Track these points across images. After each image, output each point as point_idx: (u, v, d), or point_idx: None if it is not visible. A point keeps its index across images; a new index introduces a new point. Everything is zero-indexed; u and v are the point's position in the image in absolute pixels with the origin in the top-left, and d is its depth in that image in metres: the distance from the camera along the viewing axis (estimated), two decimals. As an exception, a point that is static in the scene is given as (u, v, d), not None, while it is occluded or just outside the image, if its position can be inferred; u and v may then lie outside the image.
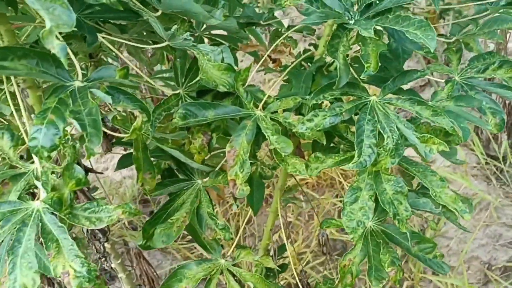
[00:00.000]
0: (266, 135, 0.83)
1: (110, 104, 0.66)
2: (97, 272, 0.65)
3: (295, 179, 1.29)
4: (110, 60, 1.45)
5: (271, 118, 0.87)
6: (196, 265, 0.97)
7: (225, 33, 1.18)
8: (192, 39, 0.87)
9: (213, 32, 1.22)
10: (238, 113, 0.88)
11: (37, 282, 0.64)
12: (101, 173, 1.20)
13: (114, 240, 1.21)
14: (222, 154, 1.16)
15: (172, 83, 1.46)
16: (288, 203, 1.74)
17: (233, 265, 0.98)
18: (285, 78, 1.06)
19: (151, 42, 1.12)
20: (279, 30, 1.46)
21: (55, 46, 0.54)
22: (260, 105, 0.90)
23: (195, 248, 2.71)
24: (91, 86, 0.68)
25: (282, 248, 1.27)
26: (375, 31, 0.74)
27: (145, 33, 1.09)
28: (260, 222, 2.82)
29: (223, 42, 1.23)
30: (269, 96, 0.93)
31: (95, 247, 1.07)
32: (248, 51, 1.28)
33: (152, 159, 0.93)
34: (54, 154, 0.63)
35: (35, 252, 0.67)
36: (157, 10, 0.93)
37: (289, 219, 2.77)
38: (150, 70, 1.50)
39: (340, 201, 2.82)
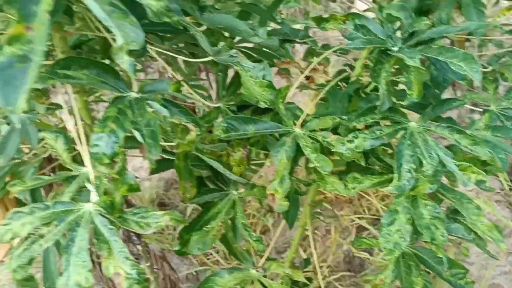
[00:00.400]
0: (305, 153, 0.86)
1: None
2: (145, 275, 0.68)
3: (324, 194, 1.32)
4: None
5: (309, 136, 0.90)
6: (228, 273, 1.00)
7: (251, 45, 1.21)
8: (238, 56, 0.91)
9: (243, 45, 1.26)
10: (278, 130, 0.92)
11: (90, 280, 0.67)
12: (137, 177, 1.23)
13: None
14: (254, 168, 1.19)
15: (200, 91, 1.51)
16: (313, 218, 1.76)
17: (263, 276, 1.01)
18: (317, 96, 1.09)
19: (187, 53, 1.17)
20: (313, 47, 1.50)
21: (125, 61, 0.58)
22: (299, 122, 0.94)
23: (211, 254, 2.74)
24: (146, 97, 0.72)
25: (307, 262, 1.29)
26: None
27: (181, 45, 1.13)
28: (276, 234, 2.84)
29: (255, 56, 1.26)
30: (307, 114, 0.96)
31: (129, 249, 1.11)
32: (282, 67, 1.31)
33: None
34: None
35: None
36: (201, 25, 0.97)
37: (306, 232, 2.79)
38: (187, 80, 1.55)
39: (359, 218, 2.83)
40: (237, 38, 1.24)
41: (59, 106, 1.03)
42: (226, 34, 1.16)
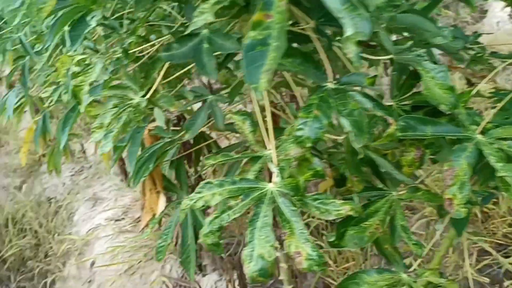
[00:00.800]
0: (490, 161, 0.82)
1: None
2: (324, 259, 0.70)
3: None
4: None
5: (492, 144, 0.86)
6: (377, 273, 0.99)
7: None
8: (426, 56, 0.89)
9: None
10: (458, 134, 0.88)
11: (272, 255, 0.71)
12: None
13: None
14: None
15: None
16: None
17: (414, 282, 0.98)
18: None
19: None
20: (479, 54, 1.41)
21: (352, 51, 0.60)
22: (479, 129, 0.89)
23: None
24: (345, 88, 0.74)
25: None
26: None
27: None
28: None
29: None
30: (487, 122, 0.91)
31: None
32: (452, 72, 1.26)
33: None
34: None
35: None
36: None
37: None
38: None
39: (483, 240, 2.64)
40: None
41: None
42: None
